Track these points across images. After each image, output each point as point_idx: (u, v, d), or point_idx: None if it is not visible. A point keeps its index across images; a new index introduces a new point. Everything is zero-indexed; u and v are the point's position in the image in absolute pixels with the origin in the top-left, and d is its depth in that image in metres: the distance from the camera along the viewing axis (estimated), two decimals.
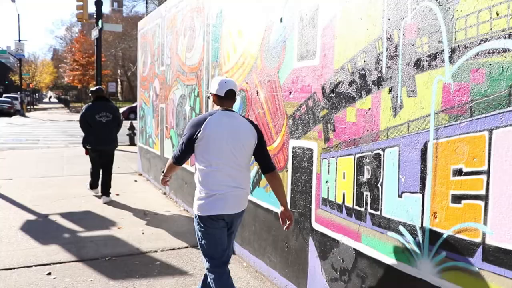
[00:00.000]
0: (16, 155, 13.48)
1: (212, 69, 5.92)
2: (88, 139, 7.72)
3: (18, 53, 46.85)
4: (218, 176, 3.31)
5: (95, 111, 7.66)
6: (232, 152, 3.30)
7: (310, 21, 3.82)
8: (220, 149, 3.28)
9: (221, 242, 3.42)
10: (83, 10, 19.81)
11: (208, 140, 3.27)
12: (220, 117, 3.33)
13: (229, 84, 3.42)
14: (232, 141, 3.30)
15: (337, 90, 3.49)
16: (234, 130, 3.32)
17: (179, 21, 7.29)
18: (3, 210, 7.07)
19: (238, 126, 3.35)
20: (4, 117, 36.87)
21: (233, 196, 3.35)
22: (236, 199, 3.38)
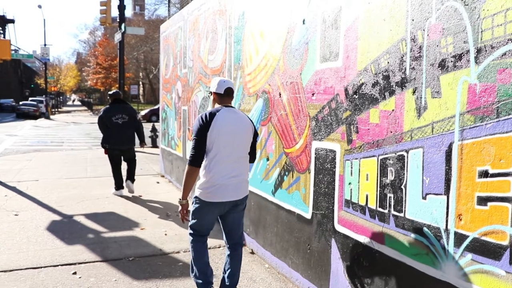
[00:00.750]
0: (42, 157, 13.74)
1: (234, 71, 5.95)
2: (107, 140, 8.24)
3: (43, 57, 47.80)
4: (221, 166, 3.70)
5: (112, 113, 8.17)
6: (235, 143, 3.74)
7: (333, 22, 3.82)
8: (226, 141, 3.69)
9: (208, 222, 3.93)
10: (106, 15, 20.13)
11: (218, 133, 3.66)
12: (226, 113, 3.75)
13: (228, 83, 3.90)
14: (236, 134, 3.74)
15: (360, 91, 3.48)
16: (238, 124, 3.77)
17: (202, 23, 7.35)
18: (30, 211, 7.22)
19: (241, 121, 3.81)
20: (30, 119, 37.62)
21: (233, 185, 3.76)
22: (236, 187, 3.79)
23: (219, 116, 3.69)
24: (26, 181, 9.72)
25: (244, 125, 3.81)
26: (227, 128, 3.69)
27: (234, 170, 3.76)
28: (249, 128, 3.85)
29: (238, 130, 3.75)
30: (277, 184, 4.85)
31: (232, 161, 3.74)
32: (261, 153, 5.21)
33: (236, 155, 3.77)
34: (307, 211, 4.26)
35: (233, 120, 3.74)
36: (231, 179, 3.75)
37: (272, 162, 4.94)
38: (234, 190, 3.78)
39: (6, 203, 7.70)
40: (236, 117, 3.79)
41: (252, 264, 5.15)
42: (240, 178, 3.82)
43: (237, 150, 3.77)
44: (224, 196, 3.74)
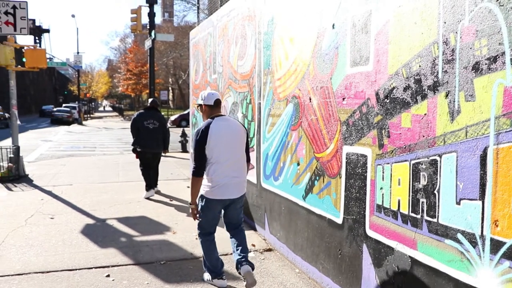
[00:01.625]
0: (75, 162, 14.06)
1: (264, 76, 5.98)
2: (137, 142, 8.71)
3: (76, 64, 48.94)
4: (222, 169, 4.26)
5: (145, 118, 8.73)
6: (232, 148, 4.30)
7: (363, 26, 3.80)
8: (223, 147, 4.24)
9: (213, 220, 4.51)
10: (137, 22, 20.49)
11: (215, 143, 4.21)
12: (218, 123, 4.27)
13: (216, 95, 4.44)
14: (231, 139, 4.30)
15: (392, 95, 3.45)
16: (231, 130, 4.32)
17: (231, 29, 7.41)
18: (65, 214, 7.40)
19: (233, 127, 4.36)
20: (64, 125, 38.55)
21: (233, 184, 4.34)
22: (236, 186, 4.36)
23: (212, 127, 4.22)
24: (61, 185, 9.97)
25: (237, 130, 4.38)
26: (222, 136, 4.24)
27: (233, 171, 4.34)
28: (241, 132, 4.42)
29: (231, 135, 4.31)
30: (307, 188, 4.84)
31: (231, 164, 4.31)
32: (292, 157, 5.21)
33: (234, 158, 4.34)
34: (338, 216, 4.23)
35: (226, 128, 4.28)
36: (232, 179, 4.32)
37: (303, 166, 4.93)
38: (234, 189, 4.36)
39: (42, 207, 7.91)
40: (228, 124, 4.34)
41: (283, 269, 5.14)
42: (239, 179, 4.40)
43: (234, 153, 4.34)
44: (225, 194, 4.33)
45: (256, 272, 4.98)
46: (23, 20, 11.02)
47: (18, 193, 9.20)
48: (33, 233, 6.36)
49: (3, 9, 10.87)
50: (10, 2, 11.02)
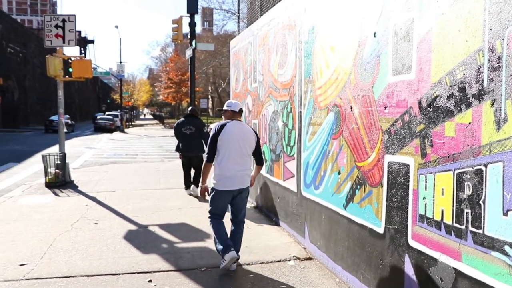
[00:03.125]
0: (118, 169, 14.42)
1: (304, 85, 6.00)
2: (178, 146, 9.98)
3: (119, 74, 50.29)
4: (230, 163, 5.08)
5: (183, 125, 9.89)
6: (241, 146, 5.11)
7: (405, 35, 3.78)
8: (232, 144, 5.07)
9: (222, 206, 5.28)
10: (178, 32, 20.92)
11: (227, 139, 5.07)
12: (234, 125, 5.18)
13: (240, 104, 5.47)
14: (242, 140, 5.13)
15: (435, 104, 3.41)
16: (242, 133, 5.16)
17: (271, 38, 7.48)
18: (108, 220, 7.61)
19: (246, 131, 5.22)
20: (106, 133, 39.56)
21: (239, 177, 5.13)
22: (241, 179, 5.15)
23: (227, 126, 5.12)
24: (104, 191, 10.25)
25: (247, 133, 5.22)
26: (234, 135, 5.09)
27: (239, 166, 5.12)
28: (251, 136, 5.24)
29: (242, 137, 5.14)
30: (348, 197, 4.81)
31: (237, 159, 5.10)
32: (333, 166, 5.20)
33: (241, 155, 5.13)
34: (380, 225, 4.19)
35: (238, 130, 5.15)
36: (237, 173, 5.11)
37: (344, 175, 4.91)
38: (239, 181, 5.15)
39: (87, 212, 8.16)
40: (241, 127, 5.21)
41: (323, 278, 5.12)
42: (244, 172, 5.18)
43: (241, 151, 5.13)
44: (232, 185, 5.12)
45: (296, 281, 4.99)
46: (71, 33, 11.45)
47: (64, 198, 9.52)
48: (78, 237, 6.57)
49: (54, 22, 11.34)
50: (60, 16, 11.50)
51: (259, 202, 8.45)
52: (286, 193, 6.86)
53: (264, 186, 8.11)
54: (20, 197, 9.53)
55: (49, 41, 11.47)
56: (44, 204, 8.87)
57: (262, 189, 8.24)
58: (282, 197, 7.06)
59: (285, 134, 6.81)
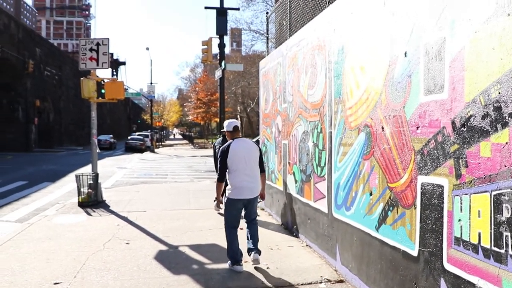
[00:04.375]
0: (148, 189, 14.57)
1: (335, 105, 5.98)
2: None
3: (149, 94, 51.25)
4: (240, 176, 5.89)
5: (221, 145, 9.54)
6: (246, 162, 5.89)
7: (436, 54, 3.74)
8: (239, 160, 5.85)
9: (235, 214, 6.06)
10: (208, 53, 21.21)
11: (234, 157, 5.85)
12: (237, 143, 5.95)
13: (234, 122, 6.26)
14: (246, 156, 5.90)
15: (469, 124, 3.34)
16: (246, 149, 5.94)
17: (300, 59, 7.50)
18: (139, 240, 7.67)
19: (247, 146, 5.99)
20: (137, 153, 40.15)
21: (248, 188, 5.92)
22: (250, 189, 5.94)
23: (232, 146, 5.89)
24: (135, 211, 10.36)
25: (250, 148, 5.99)
26: (239, 151, 5.86)
27: (248, 178, 5.91)
28: (254, 150, 6.02)
29: (246, 151, 5.91)
30: (381, 219, 4.73)
31: (246, 172, 5.90)
32: (364, 187, 5.13)
33: (249, 168, 5.92)
34: (413, 248, 4.10)
35: (242, 147, 5.92)
36: (247, 184, 5.90)
37: (376, 196, 4.84)
38: (250, 191, 5.94)
39: (118, 232, 8.25)
40: (244, 144, 5.98)
41: None
42: (253, 184, 5.97)
43: (249, 165, 5.92)
44: (242, 195, 5.91)
45: None
46: (104, 55, 11.77)
47: (96, 218, 9.66)
48: (110, 257, 6.64)
49: (88, 46, 11.69)
50: (94, 39, 11.85)
51: (289, 223, 8.39)
52: (316, 214, 6.80)
53: (294, 207, 8.06)
54: (55, 216, 9.72)
55: (83, 64, 11.80)
56: (77, 224, 9.02)
57: (292, 210, 8.19)
58: (312, 218, 6.99)
59: (316, 154, 6.78)
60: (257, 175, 6.06)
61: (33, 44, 41.41)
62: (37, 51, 41.93)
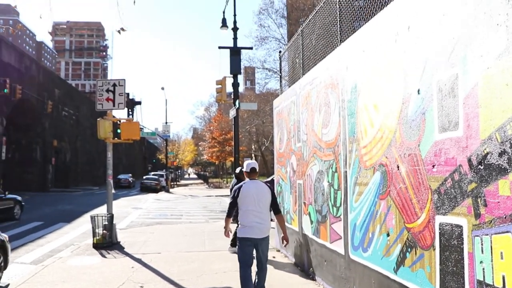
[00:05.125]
0: (163, 230, 14.47)
1: (349, 144, 5.93)
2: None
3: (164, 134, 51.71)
4: (249, 216, 6.04)
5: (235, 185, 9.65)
6: (256, 202, 6.05)
7: (450, 91, 3.71)
8: (250, 201, 6.04)
9: (248, 254, 6.11)
10: (222, 93, 21.42)
11: (245, 197, 6.07)
12: (249, 184, 6.18)
13: (252, 163, 6.40)
14: (257, 197, 6.07)
15: (486, 161, 3.27)
16: (257, 190, 6.12)
17: (314, 97, 7.52)
18: (154, 283, 7.56)
19: (260, 188, 6.16)
20: (152, 193, 40.20)
21: (257, 228, 6.03)
22: (259, 229, 6.04)
23: (244, 186, 6.13)
24: (150, 253, 10.25)
25: (262, 189, 6.15)
26: (250, 193, 6.06)
27: (257, 218, 6.02)
28: (265, 192, 6.16)
29: (257, 193, 6.08)
30: (399, 261, 4.59)
31: (255, 213, 6.01)
32: (381, 228, 5.02)
33: (258, 209, 6.04)
34: None
35: (254, 188, 6.12)
36: (256, 224, 6.01)
37: (393, 237, 4.72)
38: (258, 231, 6.03)
39: (133, 275, 8.14)
40: (256, 185, 6.16)
41: None
42: (262, 224, 6.06)
43: (258, 206, 6.04)
44: (251, 234, 6.02)
45: None
46: (120, 96, 11.95)
47: (111, 260, 9.58)
48: None
49: (105, 87, 11.90)
50: (111, 80, 12.07)
51: (305, 264, 8.21)
52: (333, 255, 6.65)
53: (310, 248, 7.90)
54: (69, 258, 9.67)
55: (100, 105, 11.98)
56: (91, 266, 8.95)
57: (308, 251, 8.03)
58: (329, 260, 6.83)
59: (331, 194, 6.69)
60: (267, 216, 6.14)
61: (53, 85, 42.43)
62: (56, 92, 42.92)
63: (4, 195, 16.63)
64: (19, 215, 17.41)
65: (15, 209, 17.18)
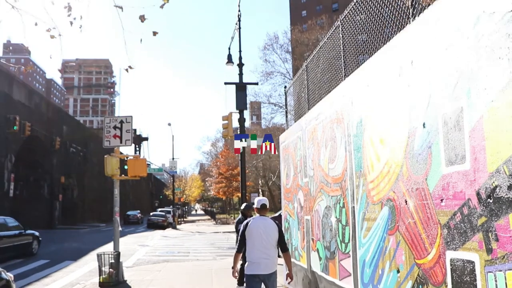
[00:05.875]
0: (170, 268, 14.30)
1: (356, 179, 5.89)
2: None
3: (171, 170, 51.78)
4: (255, 252, 6.11)
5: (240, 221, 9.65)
6: (263, 238, 6.10)
7: (455, 124, 3.70)
8: (257, 237, 6.10)
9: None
10: (228, 128, 21.52)
11: (252, 234, 6.13)
12: (258, 220, 6.26)
13: (262, 200, 6.48)
14: (264, 232, 6.12)
15: (495, 195, 3.22)
16: (264, 227, 6.16)
17: (320, 132, 7.52)
18: None
19: (268, 225, 6.19)
20: (159, 229, 39.95)
21: (264, 263, 6.08)
22: (266, 265, 6.09)
23: (252, 222, 6.22)
24: None
25: (270, 226, 6.18)
26: (258, 229, 6.13)
27: (263, 254, 6.09)
28: (273, 229, 6.19)
29: (264, 230, 6.13)
30: None
31: (262, 249, 6.09)
32: (391, 264, 4.92)
33: (265, 245, 6.11)
34: None
35: (262, 225, 6.18)
36: (262, 260, 6.07)
37: (403, 274, 4.62)
38: (264, 267, 6.09)
39: None
40: (263, 222, 6.23)
41: None
42: (268, 260, 6.10)
43: (265, 242, 6.11)
44: (259, 270, 6.06)
45: None
46: (128, 133, 12.04)
47: None
48: None
49: (113, 124, 12.00)
50: (118, 117, 12.18)
51: None
52: None
53: (319, 286, 7.75)
54: None
55: (107, 142, 12.06)
56: None
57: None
58: None
59: (339, 230, 6.61)
60: (273, 252, 6.20)
61: (61, 121, 42.87)
62: (64, 128, 43.32)
63: (24, 230, 17.27)
64: (36, 250, 18.29)
65: (33, 244, 17.97)
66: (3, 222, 16.39)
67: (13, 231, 16.59)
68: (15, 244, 16.48)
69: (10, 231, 16.37)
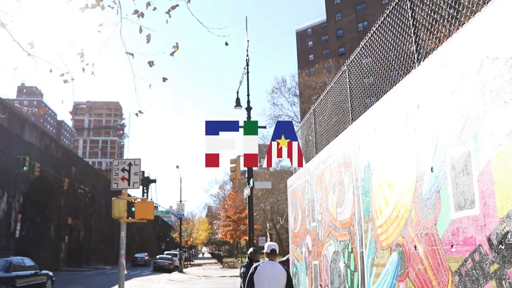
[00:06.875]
0: None
1: (364, 223, 5.83)
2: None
3: (179, 212, 51.46)
4: None
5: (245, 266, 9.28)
6: (272, 283, 6.05)
7: (463, 168, 3.69)
8: (265, 281, 6.07)
9: None
10: (236, 172, 21.46)
11: (260, 278, 6.11)
12: (266, 264, 6.23)
13: (272, 245, 6.48)
14: (272, 277, 6.08)
15: (507, 240, 3.17)
16: (273, 271, 6.13)
17: (327, 176, 7.50)
18: None
19: (275, 269, 6.14)
20: (165, 273, 39.30)
21: None
22: None
23: (260, 267, 6.21)
24: None
25: (278, 271, 6.13)
26: (265, 274, 6.12)
27: None
28: (281, 273, 6.12)
29: (272, 274, 6.11)
30: None
31: None
32: None
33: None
34: None
35: (270, 269, 6.17)
36: None
37: None
38: None
39: None
40: (272, 266, 6.21)
41: None
42: None
43: (274, 286, 6.05)
44: None
45: None
46: (136, 175, 12.04)
47: None
48: None
49: (121, 166, 12.03)
50: (127, 160, 12.24)
51: None
52: None
53: None
54: None
55: (115, 184, 12.05)
56: None
57: None
58: None
59: (348, 276, 6.49)
60: None
61: (70, 163, 43.08)
62: (72, 169, 43.48)
63: (40, 270, 17.98)
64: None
65: (47, 283, 18.73)
66: (21, 262, 17.11)
67: (30, 271, 17.21)
68: (31, 284, 17.03)
69: (27, 271, 16.98)
